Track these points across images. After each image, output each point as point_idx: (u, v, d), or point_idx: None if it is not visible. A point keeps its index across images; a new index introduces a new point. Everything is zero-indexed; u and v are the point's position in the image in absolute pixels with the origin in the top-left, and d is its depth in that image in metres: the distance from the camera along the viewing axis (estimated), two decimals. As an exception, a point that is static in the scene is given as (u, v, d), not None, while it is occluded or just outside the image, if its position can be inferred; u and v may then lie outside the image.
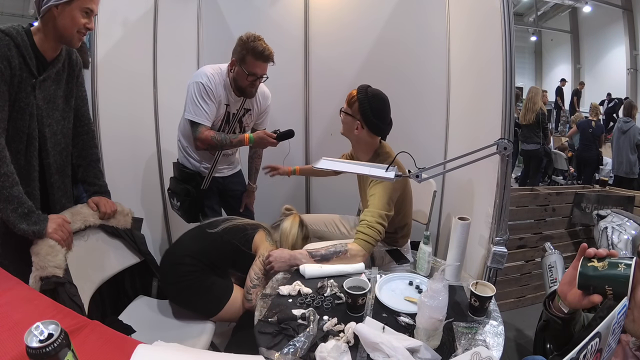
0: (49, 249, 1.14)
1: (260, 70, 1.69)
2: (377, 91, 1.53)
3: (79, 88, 1.41)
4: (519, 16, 10.75)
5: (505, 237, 1.30)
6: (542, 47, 11.74)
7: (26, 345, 0.62)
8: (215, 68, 1.76)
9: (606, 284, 0.68)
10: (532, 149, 4.72)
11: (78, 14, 1.19)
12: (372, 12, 2.22)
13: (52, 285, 1.09)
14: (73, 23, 1.19)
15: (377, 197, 1.45)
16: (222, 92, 1.75)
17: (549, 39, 11.47)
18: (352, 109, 1.53)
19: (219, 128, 1.83)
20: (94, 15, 1.24)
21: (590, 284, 0.71)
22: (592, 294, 0.71)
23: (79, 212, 1.34)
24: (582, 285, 0.72)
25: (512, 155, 1.21)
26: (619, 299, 0.65)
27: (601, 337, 0.53)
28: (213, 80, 1.71)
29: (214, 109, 1.73)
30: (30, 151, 1.23)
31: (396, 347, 0.92)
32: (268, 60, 1.68)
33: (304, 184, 2.56)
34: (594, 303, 0.72)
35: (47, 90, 1.25)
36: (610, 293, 0.68)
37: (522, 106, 4.76)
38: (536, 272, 2.30)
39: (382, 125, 1.54)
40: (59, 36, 1.22)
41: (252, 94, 1.79)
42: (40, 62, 1.22)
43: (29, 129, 1.21)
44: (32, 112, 1.20)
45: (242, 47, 1.66)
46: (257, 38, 1.66)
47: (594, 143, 4.72)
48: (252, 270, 1.41)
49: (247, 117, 1.88)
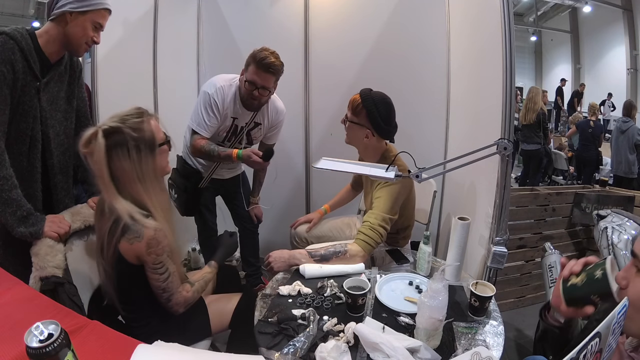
0: (48, 249, 1.14)
1: (260, 79, 1.63)
2: (382, 95, 1.48)
3: (79, 90, 1.42)
4: (519, 16, 10.75)
5: (505, 237, 1.30)
6: (542, 47, 11.75)
7: (26, 345, 0.63)
8: (227, 80, 1.74)
9: (591, 294, 0.69)
10: (532, 149, 4.72)
11: (89, 26, 1.21)
12: (372, 12, 2.22)
13: (51, 285, 1.09)
14: (83, 33, 1.21)
15: (382, 200, 1.43)
16: (230, 105, 1.73)
17: (549, 39, 11.47)
18: (359, 117, 1.47)
19: (225, 139, 1.82)
20: (101, 30, 1.27)
21: (577, 300, 0.71)
22: (582, 307, 0.71)
23: (79, 212, 1.34)
24: (570, 304, 0.73)
25: (512, 155, 1.21)
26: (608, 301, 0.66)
27: (601, 337, 0.53)
28: (221, 94, 1.69)
29: (216, 122, 1.71)
30: (34, 153, 1.23)
31: (396, 347, 0.92)
32: (267, 70, 1.61)
33: (304, 184, 2.56)
34: (587, 313, 0.72)
35: (50, 92, 1.26)
36: (597, 300, 0.69)
37: (523, 106, 4.76)
38: (536, 272, 2.30)
39: (391, 129, 1.51)
40: (66, 43, 1.23)
41: (253, 106, 1.74)
42: (45, 65, 1.23)
43: (33, 131, 1.21)
44: (36, 114, 1.21)
45: (250, 56, 1.64)
46: (267, 49, 1.63)
47: (593, 143, 4.72)
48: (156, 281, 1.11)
49: (256, 130, 1.86)
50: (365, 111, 1.45)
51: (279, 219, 2.53)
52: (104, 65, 1.86)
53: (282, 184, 2.54)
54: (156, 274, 1.09)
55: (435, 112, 2.23)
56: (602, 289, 0.67)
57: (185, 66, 2.46)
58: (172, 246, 1.11)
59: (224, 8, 2.41)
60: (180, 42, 2.40)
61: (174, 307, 1.14)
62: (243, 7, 2.38)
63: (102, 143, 0.99)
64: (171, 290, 1.12)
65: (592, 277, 0.69)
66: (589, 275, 0.70)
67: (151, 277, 1.09)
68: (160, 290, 1.11)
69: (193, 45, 2.46)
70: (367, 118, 1.46)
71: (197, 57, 2.49)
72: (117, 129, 1.01)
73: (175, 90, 2.33)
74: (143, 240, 1.03)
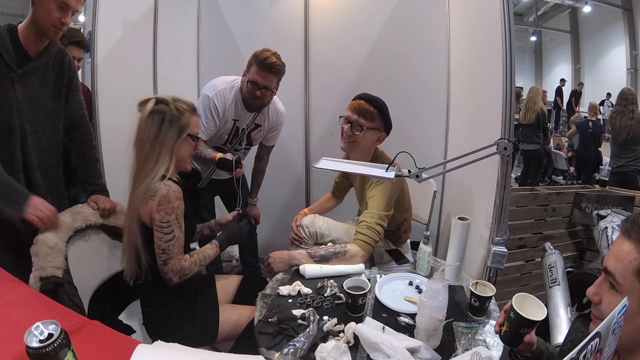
0: (48, 249, 1.14)
1: (262, 80, 1.63)
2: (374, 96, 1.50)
3: (74, 93, 1.41)
4: (519, 16, 10.74)
5: (505, 237, 1.30)
6: (542, 47, 11.74)
7: (26, 345, 0.63)
8: (228, 82, 1.74)
9: (519, 331, 0.84)
10: (532, 149, 4.72)
11: (53, 7, 1.19)
12: (372, 12, 2.22)
13: (51, 285, 1.09)
14: (47, 16, 1.20)
15: (376, 199, 1.44)
16: (231, 108, 1.73)
17: (549, 39, 11.47)
18: (375, 122, 1.46)
19: (227, 141, 1.84)
20: (71, 10, 1.22)
21: (514, 340, 0.86)
22: (522, 340, 0.85)
23: (80, 212, 1.34)
24: (513, 344, 0.88)
25: (512, 155, 1.21)
26: (530, 325, 0.83)
27: (601, 337, 0.53)
28: (221, 97, 1.69)
29: (214, 125, 1.72)
30: (13, 143, 1.24)
31: (396, 347, 0.92)
32: (269, 70, 1.62)
33: (304, 184, 2.56)
34: (532, 342, 0.88)
35: (29, 86, 1.26)
36: (527, 330, 0.84)
37: (523, 106, 4.75)
38: (536, 272, 2.30)
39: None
40: (35, 27, 1.23)
41: (256, 106, 1.74)
42: (24, 58, 1.23)
43: (10, 121, 1.22)
44: (12, 105, 1.22)
45: (252, 56, 1.65)
46: (268, 50, 1.64)
47: (593, 143, 4.72)
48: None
49: (256, 132, 1.87)
50: (378, 114, 1.46)
51: (279, 219, 2.53)
52: (104, 65, 1.85)
53: (282, 184, 2.54)
54: (160, 233, 1.16)
55: (435, 112, 2.22)
56: (521, 323, 0.83)
57: (185, 66, 2.46)
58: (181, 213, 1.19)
59: (224, 8, 2.41)
60: (180, 42, 2.40)
61: (168, 273, 1.18)
62: (243, 7, 2.38)
63: (150, 106, 1.18)
64: (170, 253, 1.17)
65: (510, 319, 0.85)
66: (508, 319, 0.86)
67: (155, 236, 1.16)
68: (160, 250, 1.16)
69: (193, 45, 2.46)
70: (381, 120, 1.47)
71: (197, 57, 2.48)
72: (166, 102, 1.19)
73: (175, 90, 2.31)
74: (156, 198, 1.13)
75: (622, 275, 0.63)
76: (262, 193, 2.17)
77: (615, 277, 0.64)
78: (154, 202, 1.14)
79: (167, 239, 1.16)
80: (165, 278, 1.19)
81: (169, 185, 1.16)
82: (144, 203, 1.15)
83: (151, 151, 1.17)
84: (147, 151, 1.17)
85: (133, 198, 1.19)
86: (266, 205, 2.30)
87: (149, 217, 1.16)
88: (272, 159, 2.10)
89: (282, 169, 2.43)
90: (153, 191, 1.14)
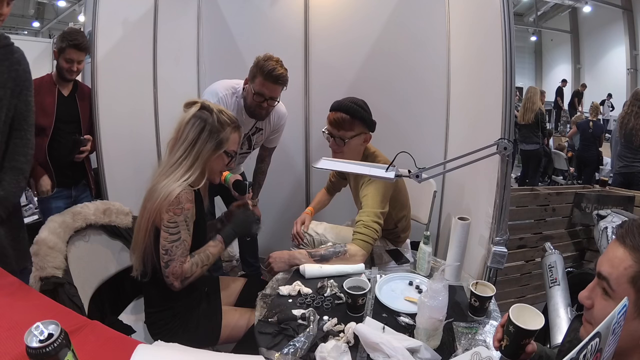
0: (48, 250, 1.15)
1: (268, 91, 1.63)
2: (348, 98, 1.50)
3: (24, 92, 1.28)
4: (519, 16, 10.75)
5: (505, 237, 1.30)
6: (542, 47, 11.76)
7: (26, 345, 0.63)
8: (229, 87, 1.73)
9: (520, 342, 0.85)
10: (531, 149, 4.72)
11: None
12: (372, 13, 2.22)
13: (51, 285, 1.10)
14: None
15: (370, 197, 1.45)
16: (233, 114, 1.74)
17: (549, 39, 11.48)
18: (355, 129, 1.47)
19: None
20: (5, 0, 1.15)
21: (515, 353, 0.86)
22: (524, 351, 0.86)
23: (80, 212, 1.35)
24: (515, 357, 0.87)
25: (512, 155, 1.21)
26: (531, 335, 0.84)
27: (601, 337, 0.53)
28: (223, 105, 1.68)
29: None
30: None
31: (396, 347, 0.92)
32: (277, 82, 1.61)
33: (304, 184, 2.56)
34: (533, 350, 0.87)
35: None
36: (528, 341, 0.85)
37: (521, 106, 4.75)
38: (536, 272, 2.30)
39: (372, 118, 1.52)
40: None
41: (261, 116, 1.74)
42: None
43: None
44: None
45: (255, 65, 1.63)
46: (271, 58, 1.62)
47: (593, 143, 4.72)
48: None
49: (257, 135, 1.87)
50: (354, 119, 1.46)
51: (279, 219, 2.54)
52: (104, 65, 1.86)
53: (282, 184, 2.54)
54: (167, 233, 1.13)
55: (435, 112, 2.22)
56: (522, 334, 0.84)
57: (185, 66, 2.46)
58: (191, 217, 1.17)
59: (224, 8, 2.41)
60: (180, 42, 2.40)
61: (169, 277, 1.15)
62: (243, 7, 2.38)
63: (194, 110, 1.18)
64: (173, 255, 1.14)
65: (510, 333, 0.85)
66: (507, 333, 0.86)
67: (161, 236, 1.14)
68: (163, 250, 1.14)
69: (193, 45, 2.46)
70: (361, 123, 1.47)
71: (197, 57, 2.49)
72: (210, 110, 1.19)
73: (175, 90, 2.33)
74: (167, 198, 1.12)
75: (616, 282, 0.63)
76: (262, 193, 2.17)
77: (610, 283, 0.64)
78: (165, 201, 1.12)
79: (171, 240, 1.13)
80: (167, 282, 1.15)
81: (180, 186, 1.14)
82: (157, 202, 1.13)
83: (184, 157, 1.16)
84: (180, 156, 1.16)
85: (151, 195, 1.16)
86: (266, 205, 2.30)
87: (159, 216, 1.14)
88: (273, 159, 2.11)
89: (282, 169, 2.43)
90: (167, 192, 1.12)
